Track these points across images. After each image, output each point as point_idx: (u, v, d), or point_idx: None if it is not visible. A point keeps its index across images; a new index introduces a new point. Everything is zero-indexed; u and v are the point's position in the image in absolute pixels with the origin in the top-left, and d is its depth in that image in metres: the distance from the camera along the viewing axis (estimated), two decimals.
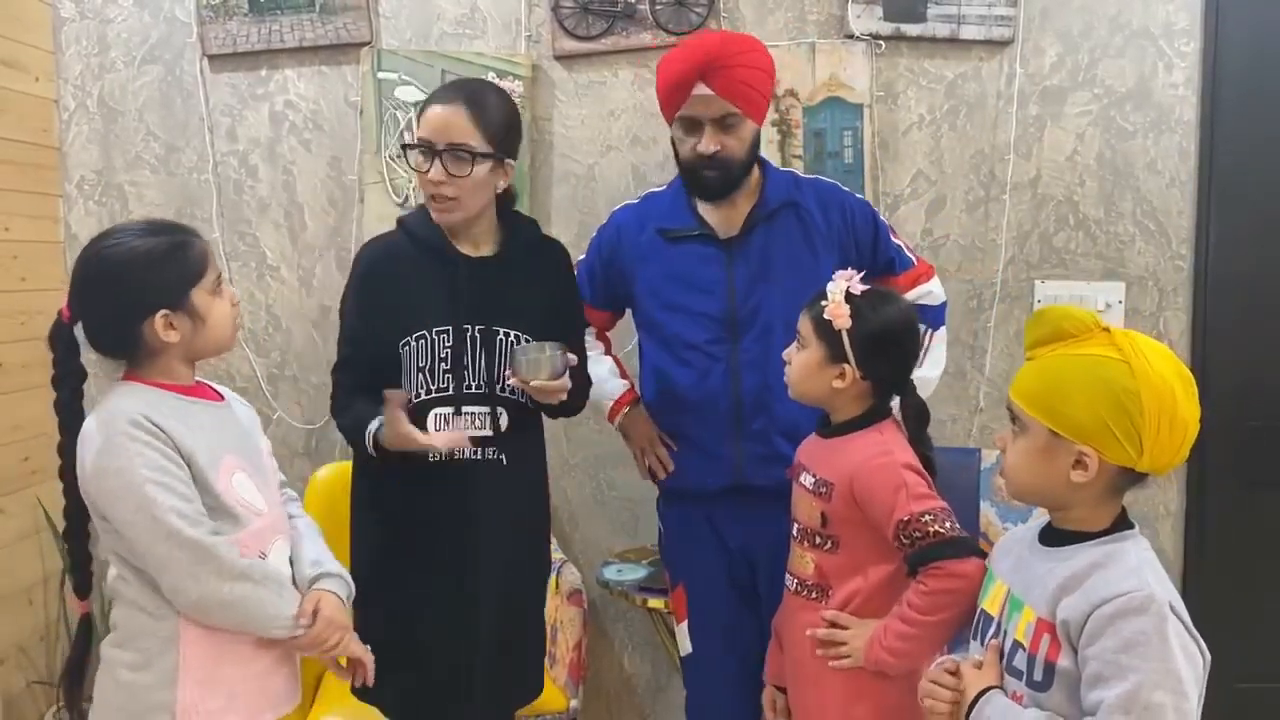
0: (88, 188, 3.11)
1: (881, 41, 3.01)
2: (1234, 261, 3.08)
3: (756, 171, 2.26)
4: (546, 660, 2.74)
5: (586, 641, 2.69)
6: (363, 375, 2.04)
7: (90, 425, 1.65)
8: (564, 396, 2.02)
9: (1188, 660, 1.32)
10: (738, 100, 2.13)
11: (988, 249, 3.08)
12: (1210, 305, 3.09)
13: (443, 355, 2.00)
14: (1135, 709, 1.28)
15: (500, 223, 2.12)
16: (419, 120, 2.07)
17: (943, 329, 2.37)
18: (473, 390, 2.02)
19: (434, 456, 1.98)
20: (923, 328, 2.23)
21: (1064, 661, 1.37)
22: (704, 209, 2.26)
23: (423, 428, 2.00)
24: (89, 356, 1.73)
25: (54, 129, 3.08)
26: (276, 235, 3.12)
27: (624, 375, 2.47)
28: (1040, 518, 1.59)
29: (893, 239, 2.31)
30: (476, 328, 2.01)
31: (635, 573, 2.83)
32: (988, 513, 3.01)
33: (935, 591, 1.70)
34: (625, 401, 2.42)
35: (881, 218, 2.33)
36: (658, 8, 3.02)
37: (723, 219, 2.24)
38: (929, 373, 2.28)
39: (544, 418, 2.18)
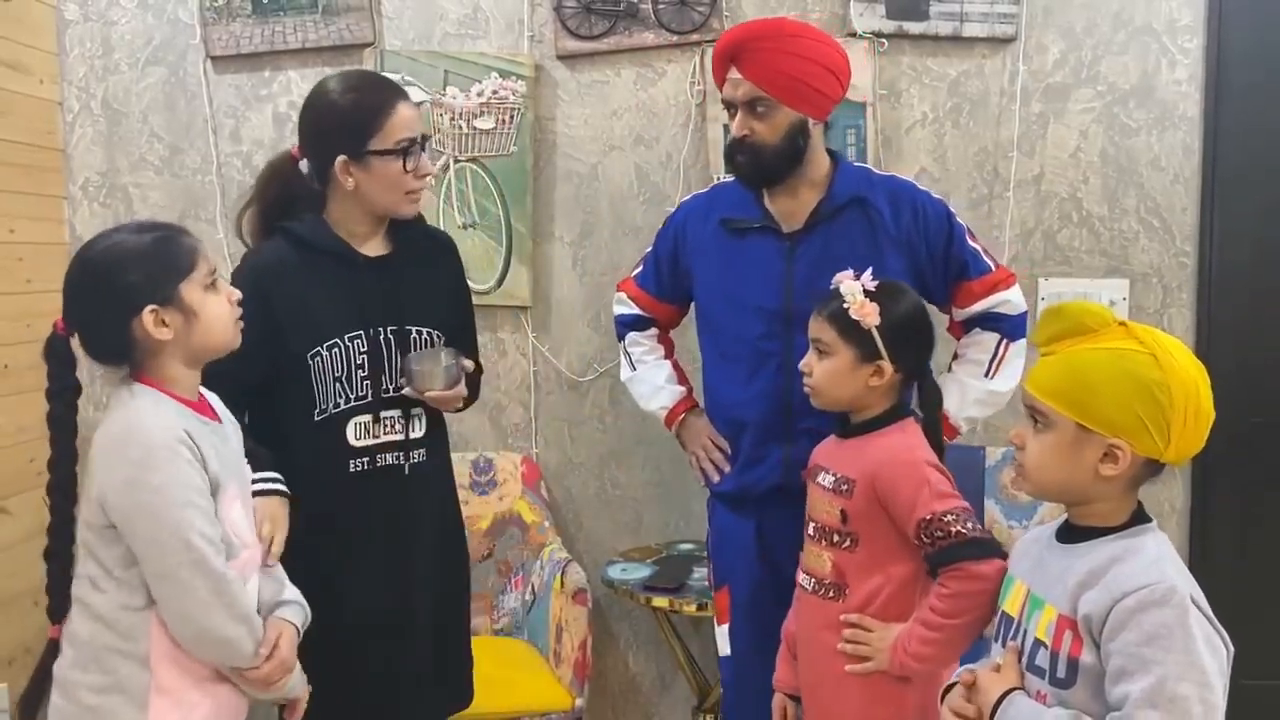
0: (92, 189, 3.11)
1: (884, 39, 3.01)
2: (1238, 258, 3.09)
3: (826, 164, 2.19)
4: (551, 658, 2.76)
5: (591, 641, 2.69)
6: (240, 390, 1.84)
7: (120, 431, 1.59)
8: (460, 405, 1.98)
9: (1211, 651, 1.31)
10: (766, 85, 2.06)
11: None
12: (1214, 302, 3.10)
13: (359, 362, 1.94)
14: (1161, 702, 1.28)
15: (389, 220, 2.03)
16: None
17: (1021, 341, 2.22)
18: (389, 394, 1.97)
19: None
20: (997, 338, 2.20)
21: (1087, 657, 1.37)
22: (769, 200, 2.18)
23: (344, 436, 1.95)
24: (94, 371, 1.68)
25: (58, 131, 3.08)
26: None
27: (682, 380, 2.42)
28: (1048, 518, 1.59)
29: (969, 242, 2.21)
30: (389, 329, 1.95)
31: (640, 571, 2.84)
32: (992, 510, 3.01)
33: (956, 594, 1.68)
34: (681, 409, 2.37)
35: (959, 220, 2.22)
36: (660, 7, 3.02)
37: (786, 211, 2.17)
38: (1001, 386, 2.20)
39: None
